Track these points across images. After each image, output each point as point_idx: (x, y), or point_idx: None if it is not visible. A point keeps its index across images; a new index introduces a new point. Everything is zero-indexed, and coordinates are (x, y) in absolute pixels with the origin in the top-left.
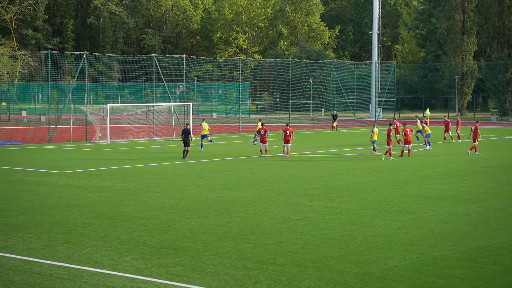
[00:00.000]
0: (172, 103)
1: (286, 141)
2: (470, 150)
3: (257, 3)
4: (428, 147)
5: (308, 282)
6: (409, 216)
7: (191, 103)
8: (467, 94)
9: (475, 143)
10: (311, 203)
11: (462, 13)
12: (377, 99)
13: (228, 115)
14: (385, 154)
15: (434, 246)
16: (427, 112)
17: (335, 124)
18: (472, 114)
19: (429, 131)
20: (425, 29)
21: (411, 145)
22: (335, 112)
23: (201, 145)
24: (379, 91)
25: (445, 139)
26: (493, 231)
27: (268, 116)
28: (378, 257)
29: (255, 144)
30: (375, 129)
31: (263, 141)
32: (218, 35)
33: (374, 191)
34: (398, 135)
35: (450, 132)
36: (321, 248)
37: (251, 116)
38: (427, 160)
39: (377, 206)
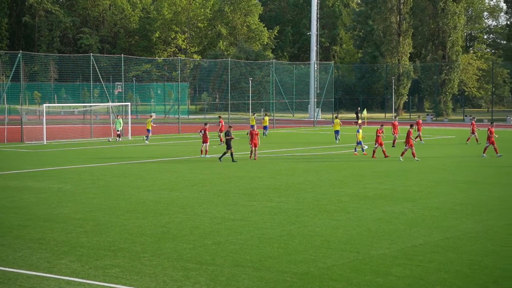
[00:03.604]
0: (110, 103)
1: (205, 141)
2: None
3: (196, 3)
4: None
5: (247, 282)
6: (347, 215)
7: (129, 103)
8: (403, 94)
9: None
10: (251, 203)
11: (398, 15)
12: (315, 100)
13: (167, 116)
14: (401, 155)
15: (371, 245)
16: (364, 112)
17: (359, 121)
18: (408, 114)
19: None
20: (362, 31)
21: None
22: (359, 108)
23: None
24: (318, 91)
25: (420, 139)
26: (428, 230)
27: (207, 117)
28: (316, 256)
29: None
30: (361, 130)
31: (205, 141)
32: (157, 35)
33: (313, 191)
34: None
35: (421, 132)
36: (260, 248)
37: (191, 116)
38: (365, 160)
39: (316, 206)
